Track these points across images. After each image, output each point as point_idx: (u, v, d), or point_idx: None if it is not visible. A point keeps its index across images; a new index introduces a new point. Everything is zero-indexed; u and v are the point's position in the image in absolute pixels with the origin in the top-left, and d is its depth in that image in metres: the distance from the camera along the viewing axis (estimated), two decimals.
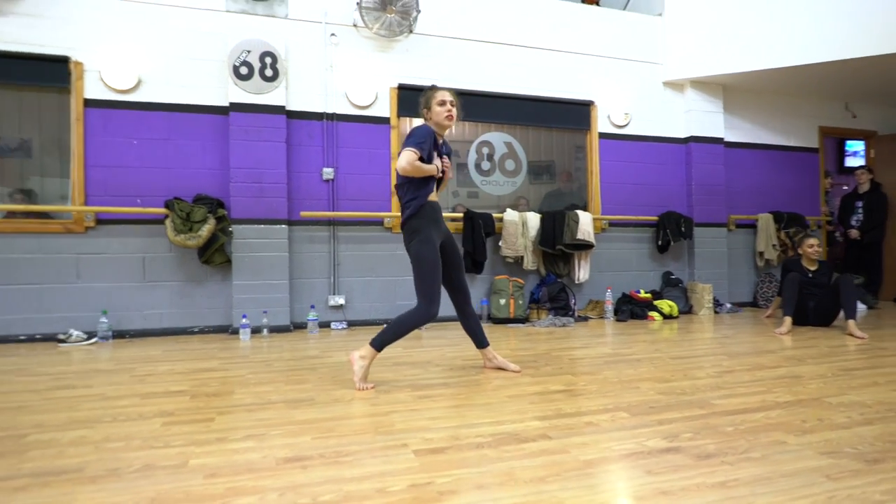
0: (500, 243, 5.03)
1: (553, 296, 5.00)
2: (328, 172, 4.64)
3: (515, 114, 5.29)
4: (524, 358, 3.27)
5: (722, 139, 5.87)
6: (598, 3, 5.91)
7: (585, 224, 5.10)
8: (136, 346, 3.82)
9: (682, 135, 5.83)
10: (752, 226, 6.08)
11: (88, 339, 3.90)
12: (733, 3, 5.44)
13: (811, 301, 4.47)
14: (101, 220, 4.15)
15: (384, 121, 4.84)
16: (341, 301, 4.65)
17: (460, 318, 2.92)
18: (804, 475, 1.53)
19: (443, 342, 3.89)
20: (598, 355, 3.36)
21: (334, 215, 4.64)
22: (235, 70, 4.33)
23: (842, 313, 4.22)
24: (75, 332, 3.87)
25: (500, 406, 2.26)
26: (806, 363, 3.07)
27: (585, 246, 5.13)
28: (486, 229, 4.89)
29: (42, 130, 4.24)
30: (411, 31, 4.87)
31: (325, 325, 4.56)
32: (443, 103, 2.71)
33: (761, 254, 5.99)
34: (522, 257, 5.03)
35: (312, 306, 4.47)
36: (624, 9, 6.24)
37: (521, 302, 4.89)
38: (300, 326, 4.53)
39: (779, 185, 6.24)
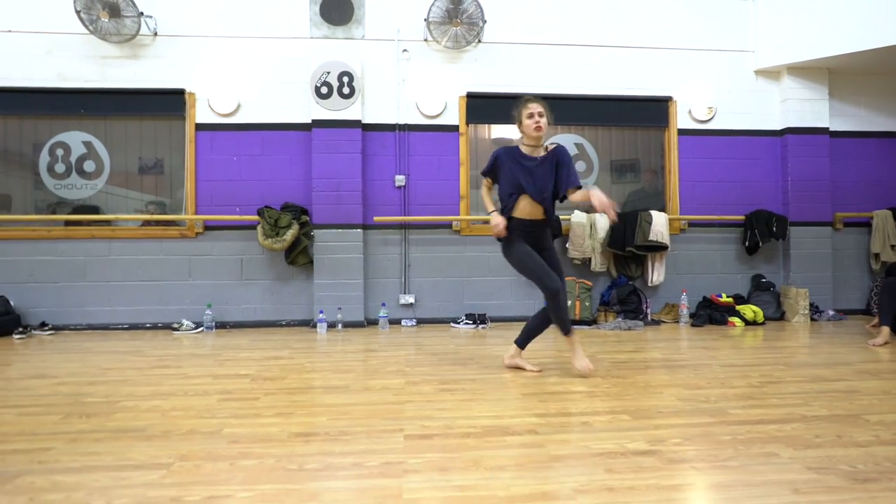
0: (567, 245, 5.03)
1: (622, 298, 4.90)
2: (400, 179, 4.98)
3: (586, 114, 5.25)
4: (566, 359, 3.32)
5: (826, 129, 5.32)
6: None
7: (659, 225, 4.93)
8: (232, 335, 4.44)
9: (777, 126, 5.38)
10: (867, 224, 5.42)
11: (196, 328, 4.59)
12: None
13: None
14: (208, 227, 4.85)
15: (453, 129, 5.07)
16: (411, 300, 4.96)
17: (536, 314, 3.06)
18: (769, 486, 1.50)
19: (500, 341, 4.03)
20: (643, 359, 3.31)
21: (406, 219, 4.97)
22: (317, 90, 4.81)
23: None
24: (186, 322, 4.58)
25: (509, 402, 2.38)
26: (878, 378, 2.79)
27: (659, 247, 4.96)
28: (553, 231, 4.92)
29: (171, 151, 5.02)
30: (479, 41, 5.05)
31: (395, 321, 4.91)
32: (531, 115, 2.89)
33: (877, 255, 5.33)
34: (590, 259, 4.99)
35: (384, 304, 4.83)
36: None
37: (587, 304, 4.86)
38: (373, 322, 4.91)
39: None
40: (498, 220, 2.93)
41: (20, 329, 4.37)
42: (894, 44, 4.71)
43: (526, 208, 2.92)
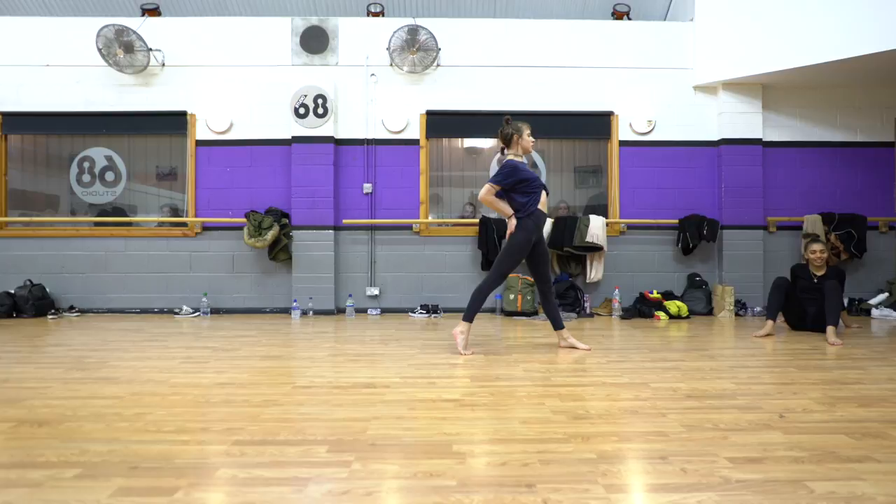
0: None
1: (560, 293, 5.53)
2: (367, 187, 5.74)
3: (535, 129, 5.83)
4: (478, 340, 4.01)
5: (760, 140, 5.79)
6: (628, 17, 6.17)
7: (596, 228, 5.53)
8: (222, 319, 5.31)
9: (714, 137, 5.88)
10: (800, 227, 5.87)
11: (193, 313, 5.49)
12: (770, 1, 5.38)
13: (812, 307, 4.45)
14: (206, 228, 5.73)
15: (414, 142, 5.80)
16: (376, 292, 5.73)
17: (542, 303, 3.74)
18: (509, 420, 2.19)
19: (439, 328, 4.75)
20: (538, 343, 3.97)
21: (372, 222, 5.73)
22: (295, 111, 5.62)
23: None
24: (185, 308, 5.49)
25: (392, 368, 3.11)
26: (714, 360, 3.39)
27: (595, 248, 5.56)
28: (500, 233, 5.59)
29: (178, 163, 5.93)
30: (438, 65, 5.76)
31: (362, 310, 5.69)
32: (531, 135, 3.67)
33: (805, 254, 5.76)
34: None
35: (350, 295, 5.62)
36: (664, 18, 6.43)
37: (528, 297, 5.52)
38: (343, 311, 5.70)
39: (838, 184, 5.91)
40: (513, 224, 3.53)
41: (53, 311, 5.36)
42: (823, 61, 5.17)
43: (543, 201, 3.60)
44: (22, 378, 2.86)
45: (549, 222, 5.66)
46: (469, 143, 6.05)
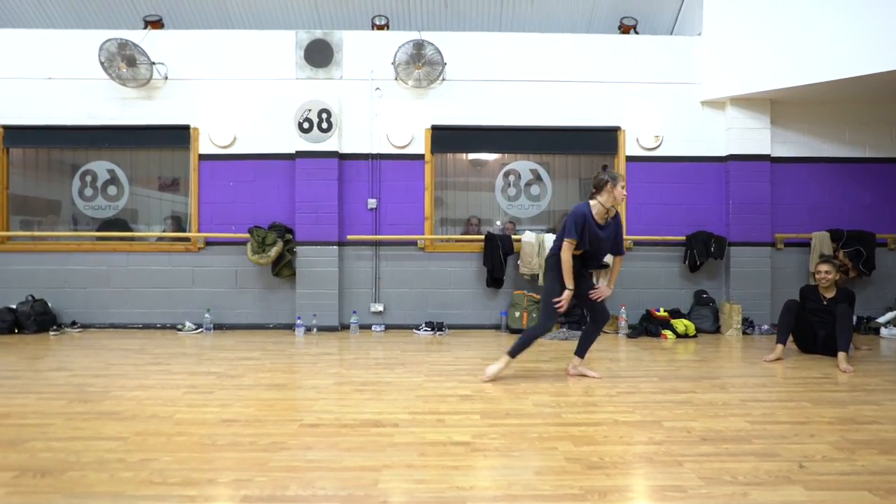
0: (518, 262, 5.64)
1: (567, 311, 5.46)
2: (372, 202, 5.69)
3: (541, 143, 5.82)
4: (485, 363, 3.95)
5: (768, 156, 5.73)
6: (635, 30, 6.11)
7: None
8: (225, 336, 5.26)
9: (722, 153, 5.82)
10: (808, 244, 5.81)
11: (196, 329, 5.44)
12: (778, 17, 5.32)
13: (822, 330, 4.40)
14: (209, 243, 5.68)
15: (420, 157, 5.74)
16: (381, 308, 5.68)
17: (588, 328, 3.80)
18: (520, 469, 2.14)
19: (446, 348, 4.70)
20: (546, 369, 3.92)
21: (377, 238, 5.68)
22: (299, 126, 5.56)
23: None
24: (188, 324, 5.44)
25: (400, 402, 3.06)
26: (726, 391, 3.34)
27: (602, 265, 5.49)
28: (505, 249, 5.54)
29: (186, 176, 5.87)
30: (443, 79, 5.70)
31: (366, 327, 5.64)
32: (624, 187, 3.48)
33: (814, 274, 5.71)
34: (537, 275, 5.58)
35: (354, 312, 5.57)
36: (671, 32, 6.37)
37: (534, 315, 5.46)
38: (347, 327, 5.65)
39: (847, 200, 5.85)
40: (566, 299, 3.47)
41: (55, 327, 5.32)
42: (832, 79, 5.11)
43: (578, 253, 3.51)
44: (23, 412, 2.81)
45: (552, 239, 5.59)
46: (472, 156, 6.00)
